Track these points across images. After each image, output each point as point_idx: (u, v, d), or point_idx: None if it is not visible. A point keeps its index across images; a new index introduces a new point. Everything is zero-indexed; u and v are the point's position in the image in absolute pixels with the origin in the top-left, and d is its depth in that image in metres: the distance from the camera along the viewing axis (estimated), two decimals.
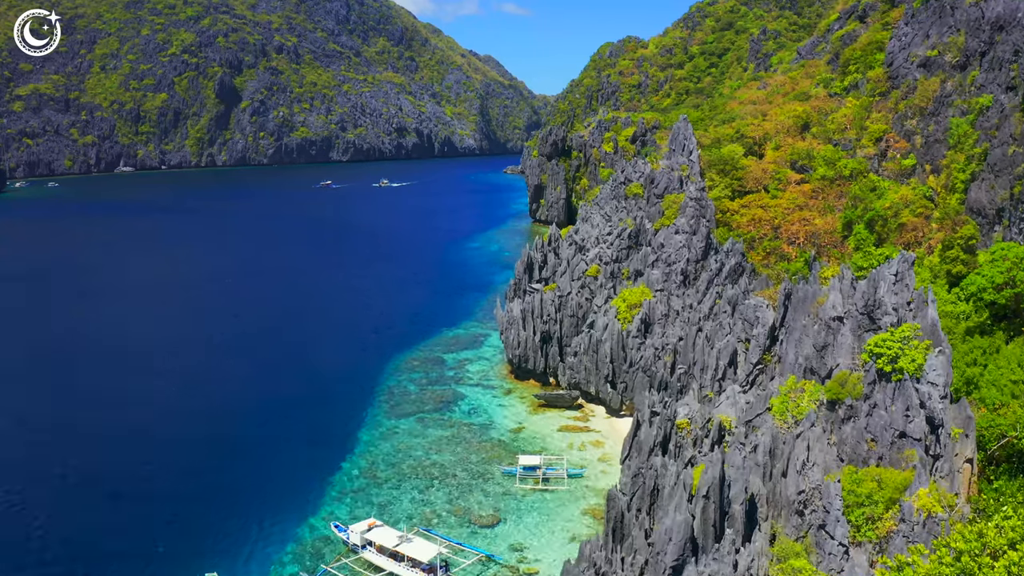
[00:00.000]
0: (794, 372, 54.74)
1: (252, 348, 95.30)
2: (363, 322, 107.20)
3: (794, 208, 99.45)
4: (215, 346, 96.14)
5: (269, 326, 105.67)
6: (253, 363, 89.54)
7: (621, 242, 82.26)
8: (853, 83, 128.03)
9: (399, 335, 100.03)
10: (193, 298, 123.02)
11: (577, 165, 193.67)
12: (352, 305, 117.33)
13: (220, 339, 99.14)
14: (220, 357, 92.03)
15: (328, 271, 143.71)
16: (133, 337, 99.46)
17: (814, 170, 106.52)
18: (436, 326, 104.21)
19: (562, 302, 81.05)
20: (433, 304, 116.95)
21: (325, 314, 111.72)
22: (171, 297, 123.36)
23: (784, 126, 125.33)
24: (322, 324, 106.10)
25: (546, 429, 70.29)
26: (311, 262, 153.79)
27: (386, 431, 70.23)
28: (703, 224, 76.88)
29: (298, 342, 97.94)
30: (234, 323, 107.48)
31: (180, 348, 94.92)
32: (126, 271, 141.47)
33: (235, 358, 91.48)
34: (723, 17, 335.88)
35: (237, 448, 66.48)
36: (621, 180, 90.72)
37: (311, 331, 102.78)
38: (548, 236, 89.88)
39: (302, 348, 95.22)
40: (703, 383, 62.93)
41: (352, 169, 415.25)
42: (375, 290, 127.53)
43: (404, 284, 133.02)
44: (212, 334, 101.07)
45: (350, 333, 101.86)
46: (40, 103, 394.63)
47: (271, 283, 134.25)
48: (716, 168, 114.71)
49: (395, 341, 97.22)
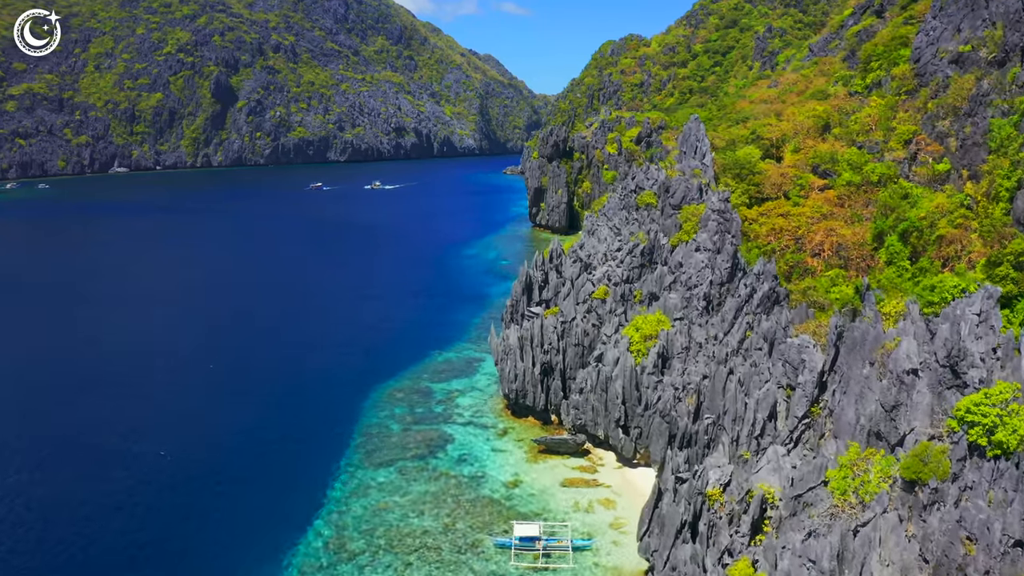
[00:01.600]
0: (853, 435, 43.70)
1: (217, 375, 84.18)
2: (345, 342, 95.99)
3: (818, 217, 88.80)
4: (171, 367, 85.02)
5: (237, 348, 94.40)
6: (215, 393, 78.43)
7: (632, 259, 71.15)
8: (876, 81, 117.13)
9: (384, 358, 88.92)
10: (157, 317, 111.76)
11: (579, 167, 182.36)
12: (334, 322, 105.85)
13: (178, 361, 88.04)
14: (177, 382, 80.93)
15: (309, 283, 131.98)
16: (77, 361, 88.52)
17: (838, 175, 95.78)
18: (426, 347, 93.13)
19: (565, 329, 69.97)
20: (424, 321, 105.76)
21: (302, 334, 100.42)
22: (129, 320, 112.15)
23: (803, 127, 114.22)
24: (298, 346, 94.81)
25: (547, 482, 59.31)
26: (291, 273, 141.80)
27: (361, 485, 59.23)
28: (728, 241, 65.77)
29: (269, 368, 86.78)
30: (200, 345, 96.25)
31: (134, 372, 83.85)
32: (83, 284, 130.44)
33: (195, 386, 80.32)
34: (727, 15, 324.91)
35: (178, 509, 55.40)
36: (631, 188, 79.53)
37: (285, 355, 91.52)
38: (549, 252, 78.72)
39: (273, 375, 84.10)
40: (735, 436, 51.93)
41: (345, 170, 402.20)
42: (360, 304, 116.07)
43: (393, 297, 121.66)
44: (172, 354, 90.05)
45: (330, 356, 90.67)
46: (33, 103, 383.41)
47: (245, 299, 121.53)
48: (731, 172, 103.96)
49: (379, 365, 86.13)
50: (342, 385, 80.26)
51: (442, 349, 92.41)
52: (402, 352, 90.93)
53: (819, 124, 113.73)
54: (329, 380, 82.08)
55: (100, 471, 60.81)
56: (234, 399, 76.55)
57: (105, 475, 60.17)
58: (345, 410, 73.78)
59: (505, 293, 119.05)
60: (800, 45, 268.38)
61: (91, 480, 59.37)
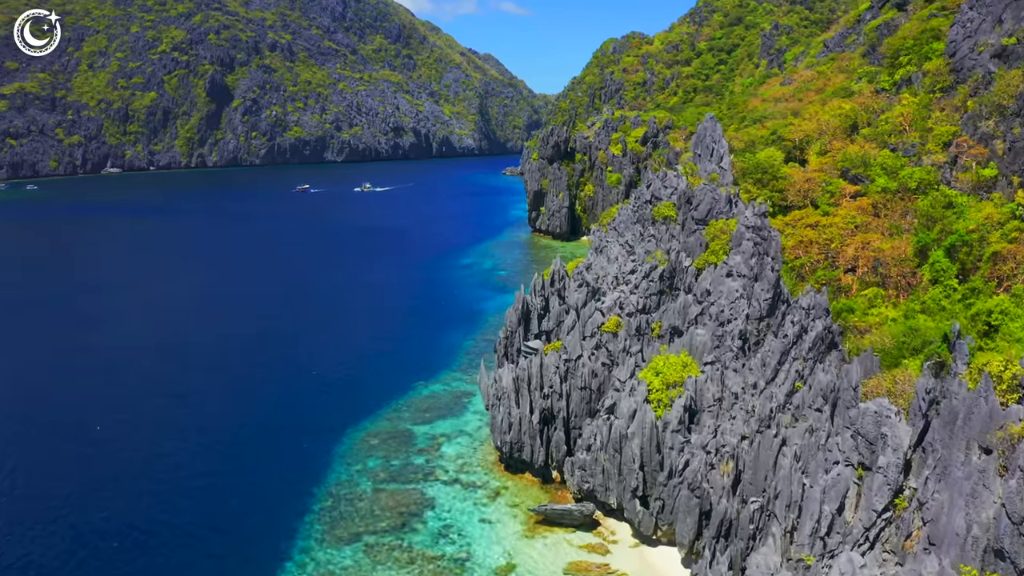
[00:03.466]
0: (963, 549, 31.42)
1: (164, 411, 71.72)
2: (319, 371, 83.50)
3: (851, 229, 76.78)
4: (111, 400, 72.73)
5: (189, 379, 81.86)
6: (161, 435, 66.02)
7: (650, 285, 58.84)
8: (905, 77, 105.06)
9: (362, 391, 76.58)
10: (90, 349, 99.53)
11: (581, 169, 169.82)
12: (307, 347, 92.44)
13: (119, 390, 75.77)
14: (116, 418, 68.64)
15: (281, 301, 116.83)
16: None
17: (871, 180, 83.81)
18: (410, 377, 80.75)
19: (569, 369, 57.65)
20: (409, 344, 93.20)
21: (271, 362, 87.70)
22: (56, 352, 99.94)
23: (829, 127, 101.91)
24: (264, 378, 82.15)
25: (547, 568, 47.10)
26: (259, 288, 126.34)
27: (318, 571, 47.05)
28: (768, 265, 53.44)
29: (229, 404, 74.22)
30: (148, 374, 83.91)
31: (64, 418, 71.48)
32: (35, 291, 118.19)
33: (138, 424, 67.98)
34: (731, 12, 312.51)
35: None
36: (646, 198, 67.09)
37: (248, 388, 78.92)
38: (550, 273, 66.13)
39: (233, 414, 71.65)
40: (789, 526, 39.71)
41: (337, 171, 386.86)
42: (338, 326, 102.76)
43: (377, 316, 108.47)
44: (119, 383, 77.80)
45: (300, 388, 78.28)
46: (25, 102, 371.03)
47: (200, 322, 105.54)
48: (752, 177, 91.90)
49: (355, 401, 73.78)
50: (311, 427, 67.93)
51: (428, 380, 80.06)
52: (383, 384, 78.56)
53: (846, 124, 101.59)
54: (296, 420, 69.76)
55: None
56: (181, 444, 64.22)
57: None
58: (311, 461, 61.53)
59: (501, 309, 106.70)
60: (808, 42, 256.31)
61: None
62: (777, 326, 52.70)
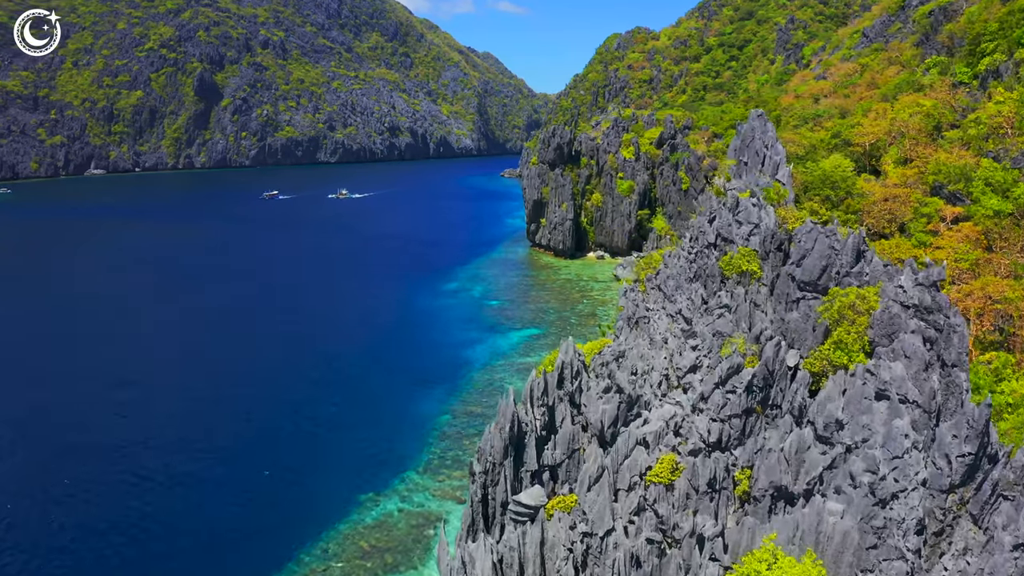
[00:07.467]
0: None
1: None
2: (225, 478, 57.30)
3: (962, 269, 51.49)
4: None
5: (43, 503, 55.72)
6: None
7: (732, 399, 32.83)
8: (992, 68, 79.96)
9: (283, 517, 50.54)
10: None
11: (587, 175, 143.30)
12: (214, 435, 66.26)
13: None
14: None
15: (197, 359, 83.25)
16: None
17: (974, 199, 58.27)
18: (356, 487, 53.98)
19: (590, 550, 31.62)
20: (358, 418, 65.87)
21: (169, 464, 61.76)
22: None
23: (908, 128, 75.68)
24: (159, 486, 56.01)
25: None
26: (167, 343, 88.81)
27: None
28: (938, 379, 27.39)
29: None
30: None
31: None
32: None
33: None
34: (742, 6, 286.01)
35: None
36: (710, 239, 40.86)
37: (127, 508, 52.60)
38: (555, 366, 39.01)
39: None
40: None
41: (322, 174, 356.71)
42: (269, 392, 73.11)
43: (317, 373, 77.95)
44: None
45: (195, 515, 52.29)
46: (6, 101, 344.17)
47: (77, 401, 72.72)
48: (817, 193, 65.81)
49: (270, 539, 47.86)
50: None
51: (379, 490, 53.57)
52: (315, 503, 52.14)
53: (928, 125, 75.59)
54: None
55: None
56: None
57: None
58: None
59: (492, 357, 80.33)
60: (827, 36, 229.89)
61: None
62: (987, 502, 26.77)
